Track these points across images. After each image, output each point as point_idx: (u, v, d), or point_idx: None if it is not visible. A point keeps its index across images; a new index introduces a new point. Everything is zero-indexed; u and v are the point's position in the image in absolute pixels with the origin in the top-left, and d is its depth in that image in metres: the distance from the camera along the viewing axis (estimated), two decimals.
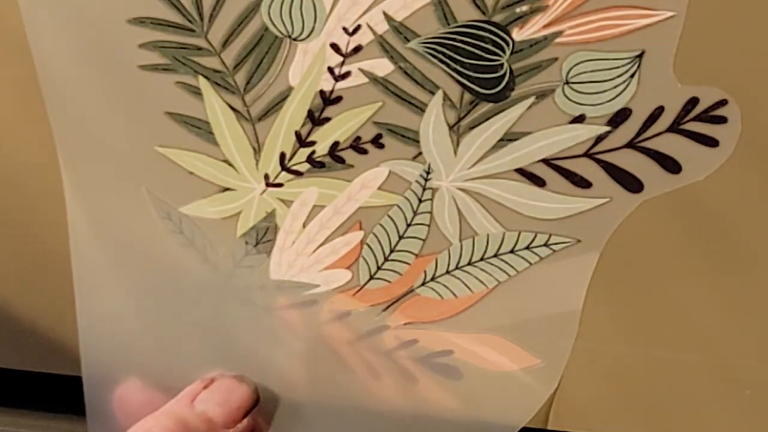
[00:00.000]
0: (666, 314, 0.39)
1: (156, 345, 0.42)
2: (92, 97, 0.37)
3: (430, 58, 0.35)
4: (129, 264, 0.41)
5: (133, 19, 0.36)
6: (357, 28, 0.35)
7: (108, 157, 0.38)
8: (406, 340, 0.41)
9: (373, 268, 0.40)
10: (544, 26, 0.34)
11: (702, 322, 0.39)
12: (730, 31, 0.33)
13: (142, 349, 0.42)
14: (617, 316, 0.39)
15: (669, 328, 0.39)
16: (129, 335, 0.42)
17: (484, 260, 0.39)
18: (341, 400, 0.42)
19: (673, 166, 0.36)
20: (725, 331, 0.39)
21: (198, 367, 0.42)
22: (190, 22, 0.36)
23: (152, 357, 0.42)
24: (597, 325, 0.39)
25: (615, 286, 0.39)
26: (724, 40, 0.34)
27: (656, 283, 0.38)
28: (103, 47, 0.36)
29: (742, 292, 0.38)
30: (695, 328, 0.39)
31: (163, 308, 0.41)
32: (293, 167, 0.38)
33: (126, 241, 0.40)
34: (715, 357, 0.39)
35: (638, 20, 0.33)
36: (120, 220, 0.40)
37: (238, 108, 0.37)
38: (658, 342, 0.40)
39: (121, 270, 0.41)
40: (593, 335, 0.40)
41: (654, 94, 0.35)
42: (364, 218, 0.39)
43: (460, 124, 0.36)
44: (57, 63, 0.37)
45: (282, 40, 0.36)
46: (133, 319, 0.42)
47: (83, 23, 0.36)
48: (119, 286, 0.41)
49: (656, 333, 0.39)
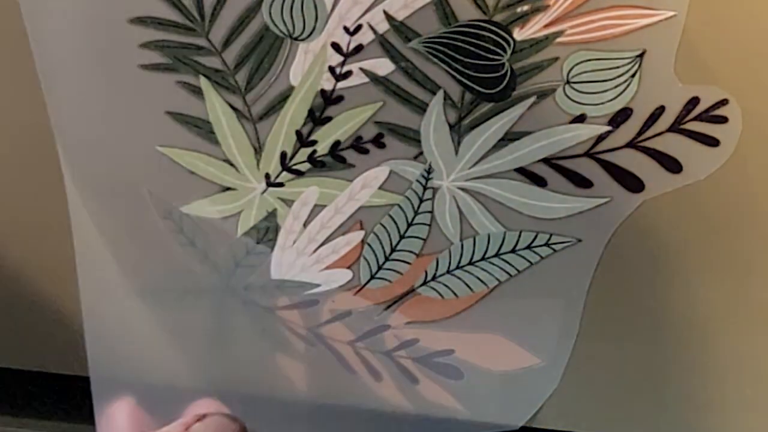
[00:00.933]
0: (666, 314, 0.39)
1: (158, 344, 0.42)
2: (93, 96, 0.37)
3: (431, 57, 0.35)
4: (130, 263, 0.41)
5: (134, 19, 0.36)
6: (358, 28, 0.35)
7: (109, 156, 0.38)
8: (407, 339, 0.41)
9: (374, 268, 0.40)
10: (545, 26, 0.34)
11: (702, 322, 0.39)
12: (730, 31, 0.34)
13: (145, 347, 0.42)
14: (617, 316, 0.39)
15: (669, 327, 0.39)
16: (132, 334, 0.42)
17: (485, 260, 0.39)
18: (341, 399, 0.42)
19: (673, 166, 0.36)
20: (726, 331, 0.39)
21: (199, 366, 0.42)
22: (191, 21, 0.36)
23: (154, 356, 0.42)
24: (597, 324, 0.39)
25: (614, 286, 0.39)
26: (725, 39, 0.34)
27: (656, 283, 0.38)
28: (104, 47, 0.36)
29: (742, 292, 0.38)
30: (695, 328, 0.39)
31: (164, 307, 0.41)
32: (294, 167, 0.38)
33: (127, 241, 0.40)
34: (716, 356, 0.39)
35: (639, 20, 0.34)
36: (121, 220, 0.40)
37: (239, 107, 0.37)
38: (657, 342, 0.40)
39: (123, 269, 0.41)
40: (593, 335, 0.40)
41: (655, 94, 0.35)
42: (365, 218, 0.39)
43: (461, 124, 0.36)
44: (58, 63, 0.37)
45: (283, 40, 0.36)
46: (136, 318, 0.42)
47: (84, 23, 0.36)
48: (122, 285, 0.41)
49: (656, 333, 0.39)
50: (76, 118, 0.38)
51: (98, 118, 0.38)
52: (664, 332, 0.39)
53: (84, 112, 0.38)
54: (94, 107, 0.38)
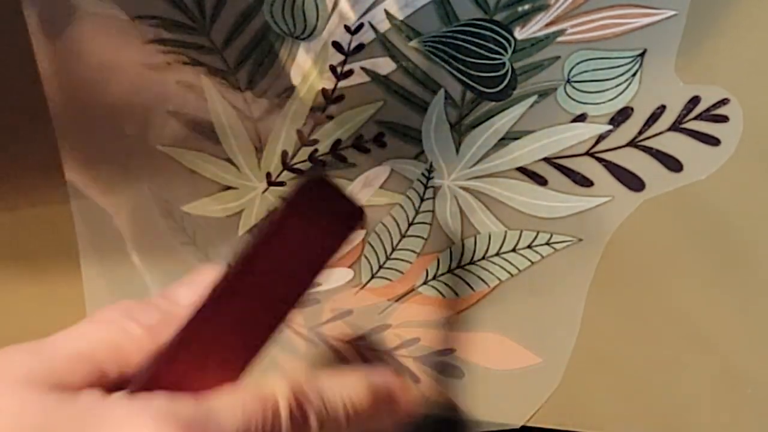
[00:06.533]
0: (666, 314, 0.39)
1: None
2: (95, 95, 0.37)
3: (432, 56, 0.35)
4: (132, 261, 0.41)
5: (136, 18, 0.36)
6: (359, 27, 0.35)
7: (111, 155, 0.38)
8: (408, 338, 0.41)
9: (375, 267, 0.40)
10: (546, 25, 0.34)
11: (702, 322, 0.39)
12: (731, 31, 0.34)
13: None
14: (617, 316, 0.39)
15: (669, 327, 0.39)
16: None
17: (486, 259, 0.39)
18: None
19: (674, 165, 0.36)
20: (725, 330, 0.39)
21: None
22: (193, 20, 0.36)
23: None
24: (597, 324, 0.39)
25: (615, 286, 0.39)
26: (726, 39, 0.34)
27: (657, 282, 0.38)
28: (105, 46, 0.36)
29: (742, 292, 0.38)
30: (695, 328, 0.39)
31: None
32: (295, 166, 0.38)
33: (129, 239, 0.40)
34: (716, 357, 0.39)
35: (640, 19, 0.34)
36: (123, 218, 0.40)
37: (240, 106, 0.37)
38: (658, 342, 0.40)
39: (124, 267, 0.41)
40: (594, 334, 0.40)
41: (656, 93, 0.35)
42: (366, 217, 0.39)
43: (462, 123, 0.36)
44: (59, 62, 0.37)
45: (284, 39, 0.36)
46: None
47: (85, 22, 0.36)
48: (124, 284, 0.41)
49: (656, 333, 0.39)
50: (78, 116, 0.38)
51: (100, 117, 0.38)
52: (663, 332, 0.39)
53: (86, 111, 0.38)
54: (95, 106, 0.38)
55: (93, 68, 0.37)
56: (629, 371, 0.40)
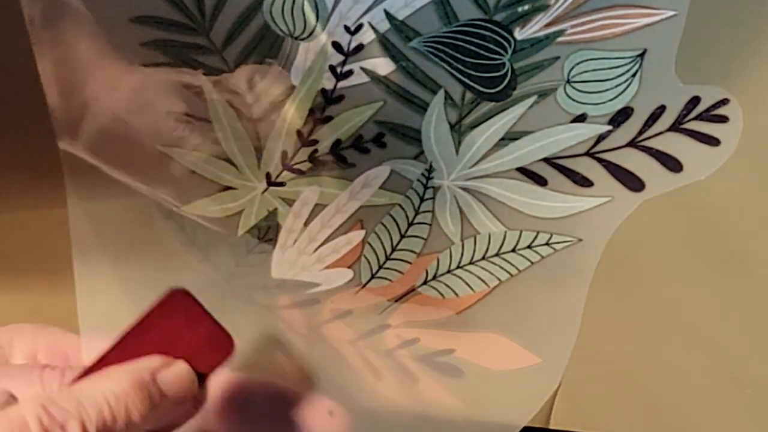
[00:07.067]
0: (666, 314, 0.39)
1: None
2: (94, 95, 0.37)
3: (432, 57, 0.35)
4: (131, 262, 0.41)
5: (135, 18, 0.36)
6: (359, 27, 0.35)
7: (110, 155, 0.38)
8: (408, 339, 0.41)
9: (375, 267, 0.40)
10: (546, 25, 0.34)
11: (702, 322, 0.39)
12: (731, 31, 0.34)
13: None
14: (617, 316, 0.39)
15: (669, 328, 0.39)
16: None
17: (486, 259, 0.39)
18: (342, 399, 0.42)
19: (674, 165, 0.36)
20: (725, 331, 0.39)
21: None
22: (192, 21, 0.36)
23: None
24: (597, 324, 0.39)
25: (615, 286, 0.39)
26: (726, 39, 0.34)
27: (656, 282, 0.38)
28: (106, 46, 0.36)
29: (742, 292, 0.38)
30: (695, 328, 0.39)
31: None
32: (295, 166, 0.38)
33: (128, 239, 0.40)
34: (716, 357, 0.39)
35: (640, 19, 0.34)
36: (122, 219, 0.40)
37: (240, 106, 0.37)
38: (658, 342, 0.40)
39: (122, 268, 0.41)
40: (594, 334, 0.40)
41: (656, 93, 0.35)
42: (366, 217, 0.39)
43: (462, 123, 0.36)
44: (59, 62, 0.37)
45: (284, 39, 0.36)
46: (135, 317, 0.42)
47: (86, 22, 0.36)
48: (121, 283, 0.41)
49: (656, 333, 0.39)
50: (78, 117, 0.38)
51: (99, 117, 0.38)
52: (663, 332, 0.39)
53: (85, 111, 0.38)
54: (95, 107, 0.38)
55: (93, 69, 0.37)
56: (629, 371, 0.41)
